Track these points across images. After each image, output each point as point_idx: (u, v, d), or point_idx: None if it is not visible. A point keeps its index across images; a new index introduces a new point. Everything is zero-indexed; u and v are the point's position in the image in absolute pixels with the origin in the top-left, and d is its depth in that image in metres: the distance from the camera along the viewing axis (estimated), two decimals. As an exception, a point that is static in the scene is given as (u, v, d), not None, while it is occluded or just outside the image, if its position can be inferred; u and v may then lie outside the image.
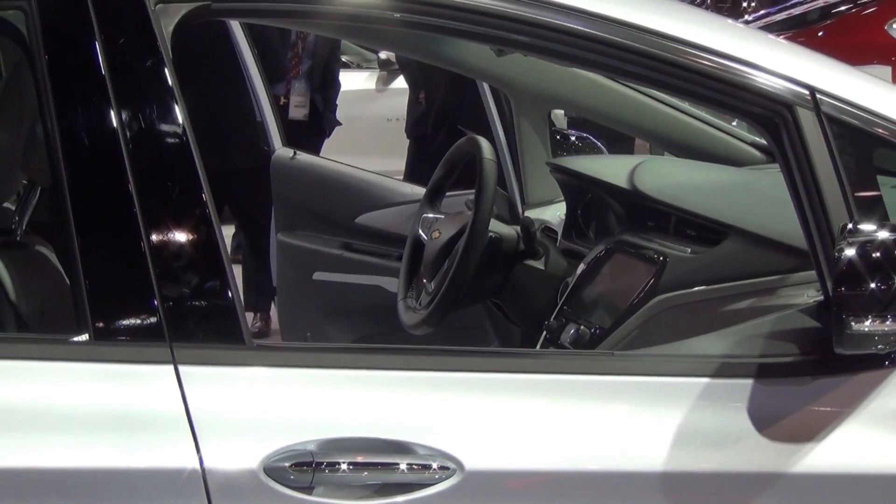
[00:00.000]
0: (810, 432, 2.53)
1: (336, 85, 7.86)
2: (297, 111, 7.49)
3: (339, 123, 7.15)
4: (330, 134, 7.78)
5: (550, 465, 2.47)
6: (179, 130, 2.49)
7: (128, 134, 2.44)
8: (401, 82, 10.58)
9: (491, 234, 3.73)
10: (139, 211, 2.41)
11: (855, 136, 2.66)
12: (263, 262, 6.08)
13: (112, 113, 2.44)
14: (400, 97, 8.52)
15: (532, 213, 4.20)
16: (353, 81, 11.05)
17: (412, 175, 7.27)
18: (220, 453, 2.33)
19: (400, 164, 7.88)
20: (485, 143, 3.80)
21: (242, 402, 2.40)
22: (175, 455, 2.32)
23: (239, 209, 6.31)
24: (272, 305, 5.74)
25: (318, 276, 4.92)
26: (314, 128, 7.60)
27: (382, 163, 6.81)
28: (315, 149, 6.92)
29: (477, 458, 2.41)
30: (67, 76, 2.48)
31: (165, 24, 2.51)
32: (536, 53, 3.22)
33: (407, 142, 8.05)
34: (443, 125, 7.26)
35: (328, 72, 7.85)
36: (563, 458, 2.47)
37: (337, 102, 7.76)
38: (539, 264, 3.81)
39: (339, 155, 6.36)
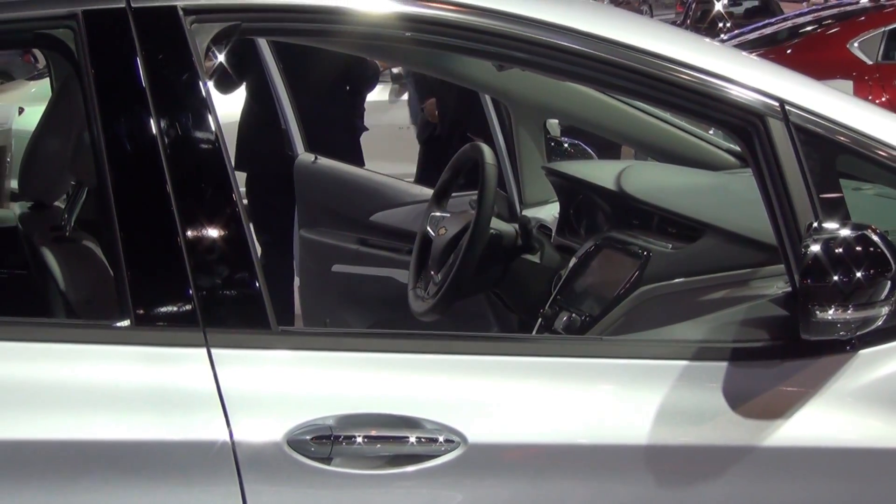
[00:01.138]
0: (778, 410, 2.53)
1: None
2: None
3: (366, 129, 7.14)
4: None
5: (545, 438, 2.47)
6: (212, 137, 2.49)
7: (166, 140, 2.44)
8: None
9: (492, 230, 3.73)
10: (176, 209, 2.41)
11: (820, 144, 2.66)
12: (286, 256, 6.08)
13: (152, 121, 2.45)
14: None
15: (529, 212, 4.20)
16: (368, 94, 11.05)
17: (422, 177, 7.26)
18: (248, 427, 2.33)
19: (410, 168, 7.86)
20: (486, 150, 3.80)
21: (268, 381, 2.40)
22: (208, 429, 2.32)
23: (265, 208, 6.29)
24: (295, 294, 5.74)
25: (337, 268, 4.92)
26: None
27: (394, 166, 6.81)
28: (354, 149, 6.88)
29: (479, 432, 2.41)
30: (112, 88, 2.47)
31: (200, 41, 2.52)
32: (533, 69, 3.22)
33: (416, 147, 8.05)
34: (453, 133, 7.26)
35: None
36: (556, 433, 2.47)
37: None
38: (535, 258, 3.81)
39: (356, 159, 6.38)
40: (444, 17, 2.65)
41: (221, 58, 6.58)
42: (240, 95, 6.74)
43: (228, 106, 5.50)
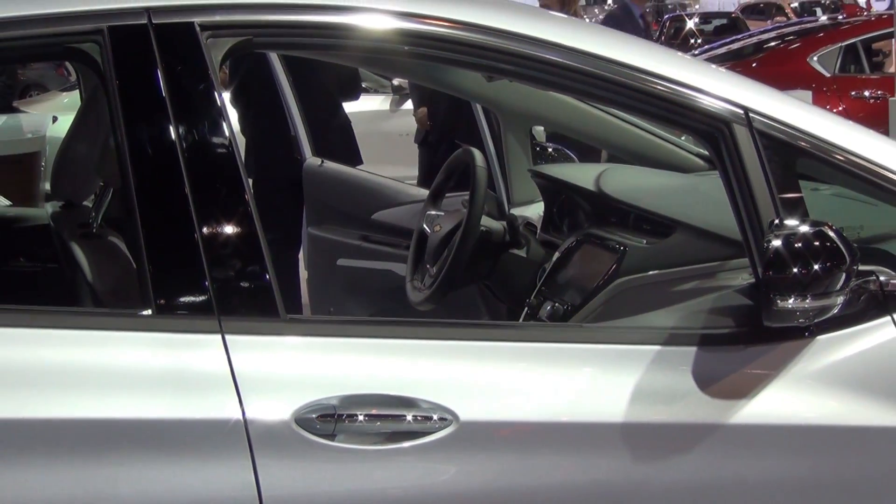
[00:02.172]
0: (743, 391, 2.53)
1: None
2: None
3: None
4: None
5: (530, 416, 2.47)
6: (226, 142, 2.49)
7: (183, 145, 2.45)
8: (410, 103, 10.59)
9: (483, 227, 3.73)
10: (193, 208, 2.41)
11: (781, 148, 2.65)
12: (295, 251, 6.08)
13: (171, 128, 2.45)
14: (409, 116, 8.49)
15: (516, 211, 4.20)
16: (371, 103, 11.05)
17: (425, 180, 7.26)
18: (259, 407, 2.34)
19: (409, 171, 7.85)
20: (477, 154, 3.80)
21: (277, 364, 2.40)
22: (222, 409, 2.32)
23: (276, 208, 6.29)
24: (303, 286, 5.74)
25: (341, 262, 4.92)
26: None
27: (395, 169, 6.80)
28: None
29: (470, 410, 2.41)
30: (135, 97, 2.48)
31: (215, 54, 2.52)
32: (520, 80, 3.23)
33: (415, 152, 8.05)
34: (443, 139, 7.26)
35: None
36: (541, 411, 2.48)
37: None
38: (522, 253, 3.80)
39: (359, 163, 6.38)
40: (439, 33, 2.65)
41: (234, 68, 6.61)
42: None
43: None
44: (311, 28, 2.65)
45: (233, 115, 6.38)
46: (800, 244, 2.44)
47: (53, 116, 9.04)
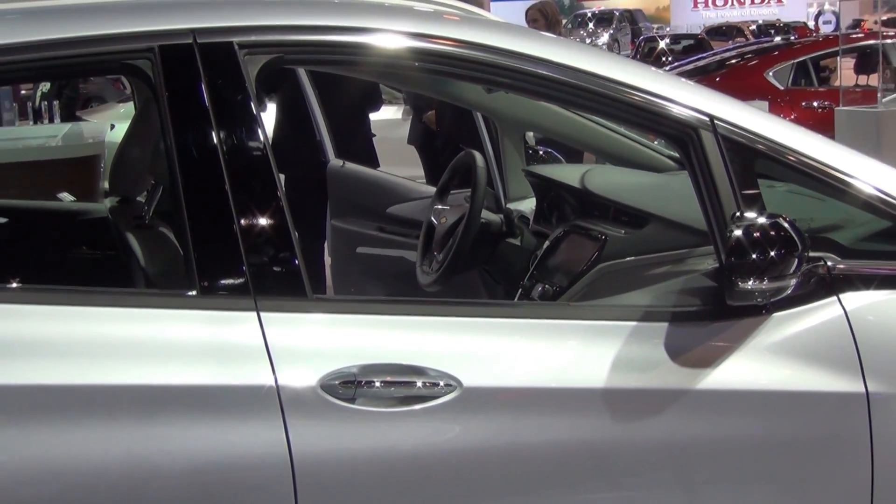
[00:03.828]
0: (708, 361, 2.53)
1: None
2: None
3: (374, 135, 7.14)
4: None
5: (524, 383, 2.48)
6: (261, 145, 2.49)
7: (224, 148, 2.44)
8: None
9: (482, 220, 3.73)
10: (232, 203, 2.41)
11: (742, 151, 2.65)
12: (320, 240, 6.08)
13: (213, 133, 2.45)
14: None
15: (512, 206, 4.19)
16: (386, 113, 11.01)
17: (429, 178, 7.25)
18: (290, 375, 2.33)
19: (419, 171, 7.85)
20: (478, 156, 3.80)
21: (305, 338, 2.40)
22: (258, 376, 2.32)
23: (304, 203, 6.28)
24: (327, 270, 5.74)
25: (361, 250, 4.92)
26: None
27: (406, 170, 6.77)
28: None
29: (472, 378, 2.41)
30: (181, 107, 2.47)
31: (251, 69, 2.51)
32: (515, 91, 3.22)
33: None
34: (449, 143, 7.25)
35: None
36: (533, 378, 2.48)
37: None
38: (516, 241, 3.80)
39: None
40: (446, 51, 2.64)
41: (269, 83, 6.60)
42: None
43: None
44: (335, 47, 2.65)
45: (267, 123, 6.37)
46: (758, 233, 2.44)
47: (111, 124, 9.01)
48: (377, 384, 2.37)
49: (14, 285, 2.50)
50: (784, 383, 2.56)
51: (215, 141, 2.44)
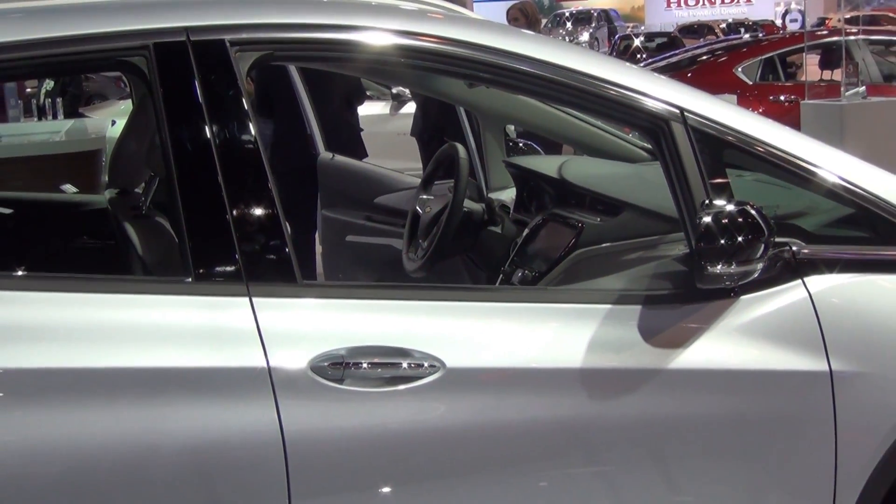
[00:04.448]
0: (680, 341, 2.53)
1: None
2: None
3: (363, 129, 7.14)
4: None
5: (505, 363, 2.47)
6: (252, 139, 2.48)
7: (216, 141, 2.43)
8: (407, 108, 10.57)
9: (465, 209, 3.72)
10: (225, 194, 2.41)
11: (711, 142, 2.65)
12: (311, 229, 6.07)
13: (206, 127, 2.44)
14: (406, 118, 8.48)
15: (493, 195, 4.18)
16: (374, 108, 11.02)
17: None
18: (281, 357, 2.33)
19: (406, 164, 7.82)
20: (460, 148, 3.79)
21: (296, 321, 2.39)
22: (251, 358, 2.32)
23: (295, 194, 6.27)
24: (318, 258, 5.74)
25: (350, 238, 4.92)
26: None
27: (394, 163, 6.76)
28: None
29: (455, 359, 2.41)
30: (176, 102, 2.46)
31: (242, 65, 2.50)
32: (495, 86, 3.21)
33: (410, 149, 8.02)
34: (434, 136, 7.24)
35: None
36: (513, 359, 2.47)
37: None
38: (497, 229, 3.80)
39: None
40: (430, 48, 2.64)
41: (260, 79, 6.59)
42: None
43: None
44: (323, 44, 2.64)
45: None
46: (726, 220, 2.44)
47: (112, 120, 8.99)
48: (364, 365, 2.36)
49: (19, 273, 2.49)
50: (752, 363, 2.56)
51: (208, 134, 2.43)
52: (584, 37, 31.89)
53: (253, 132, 2.48)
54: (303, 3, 2.75)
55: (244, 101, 2.48)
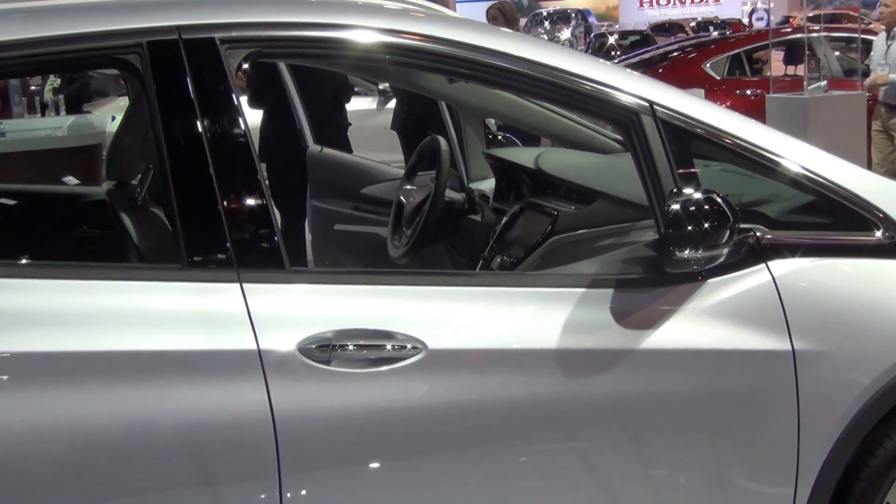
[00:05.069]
0: (650, 323, 2.54)
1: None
2: None
3: (350, 124, 7.12)
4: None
5: (484, 345, 2.47)
6: (242, 132, 2.47)
7: (208, 135, 2.42)
8: (393, 103, 10.52)
9: (447, 198, 3.72)
10: (216, 185, 2.40)
11: (679, 133, 2.65)
12: (300, 219, 6.05)
13: (197, 121, 2.42)
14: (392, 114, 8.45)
15: (473, 185, 4.18)
16: (361, 103, 10.98)
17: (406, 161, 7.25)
18: (271, 340, 2.32)
19: (392, 156, 7.81)
20: (442, 140, 3.79)
21: (284, 306, 2.39)
22: (241, 341, 2.31)
23: (286, 185, 6.26)
24: (307, 245, 5.73)
25: (338, 226, 4.91)
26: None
27: (380, 155, 6.75)
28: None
29: (437, 341, 2.41)
30: (168, 97, 2.45)
31: (232, 62, 2.49)
32: (474, 81, 3.20)
33: (395, 142, 8.01)
34: (419, 129, 7.23)
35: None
36: (492, 340, 2.48)
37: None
38: (478, 218, 3.79)
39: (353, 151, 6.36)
40: (412, 45, 2.63)
41: (253, 77, 6.57)
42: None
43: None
44: (310, 41, 2.63)
45: (250, 112, 6.34)
46: (693, 208, 2.44)
47: (112, 116, 8.96)
48: (350, 347, 2.36)
49: (23, 261, 2.48)
50: (718, 342, 2.56)
51: (200, 128, 2.42)
52: (566, 34, 31.86)
53: (242, 126, 2.47)
54: (290, 3, 2.74)
55: (234, 96, 2.47)
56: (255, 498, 2.34)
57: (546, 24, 36.77)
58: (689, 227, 2.43)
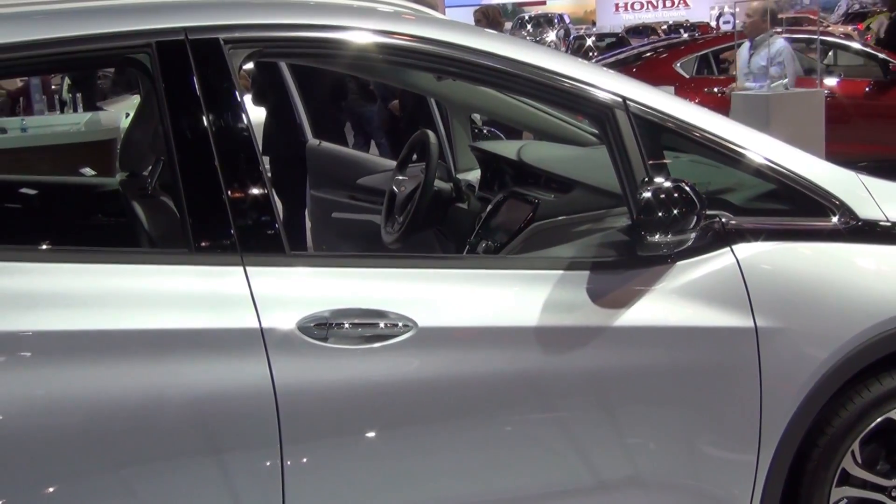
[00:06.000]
0: (623, 303, 2.54)
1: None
2: None
3: (347, 120, 7.11)
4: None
5: (471, 323, 2.47)
6: (245, 126, 2.46)
7: (213, 129, 2.42)
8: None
9: (436, 188, 3.72)
10: (221, 175, 2.39)
11: (650, 127, 2.65)
12: (300, 208, 6.04)
13: (203, 116, 2.41)
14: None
15: (460, 176, 4.18)
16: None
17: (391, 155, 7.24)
18: (272, 319, 2.32)
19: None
20: (431, 134, 3.80)
21: (285, 287, 2.38)
22: (245, 320, 2.31)
23: (287, 176, 6.24)
24: (307, 233, 5.72)
25: (335, 215, 4.91)
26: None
27: (374, 148, 6.77)
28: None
29: (427, 319, 2.41)
30: (176, 94, 2.44)
31: (235, 61, 2.48)
32: (461, 79, 3.19)
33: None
34: (411, 124, 7.21)
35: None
36: (478, 319, 2.48)
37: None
38: (464, 206, 3.80)
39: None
40: (403, 45, 2.62)
41: (256, 75, 6.54)
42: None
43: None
44: (308, 42, 2.62)
45: (254, 109, 6.33)
46: (663, 195, 2.44)
47: (126, 112, 8.92)
48: (346, 325, 2.36)
49: (44, 247, 2.48)
50: (686, 320, 2.56)
51: (205, 122, 2.41)
52: (551, 36, 31.80)
53: (245, 120, 2.46)
54: (290, 5, 2.73)
55: (237, 93, 2.46)
56: (258, 465, 2.34)
57: (529, 27, 36.70)
58: (660, 214, 2.43)
